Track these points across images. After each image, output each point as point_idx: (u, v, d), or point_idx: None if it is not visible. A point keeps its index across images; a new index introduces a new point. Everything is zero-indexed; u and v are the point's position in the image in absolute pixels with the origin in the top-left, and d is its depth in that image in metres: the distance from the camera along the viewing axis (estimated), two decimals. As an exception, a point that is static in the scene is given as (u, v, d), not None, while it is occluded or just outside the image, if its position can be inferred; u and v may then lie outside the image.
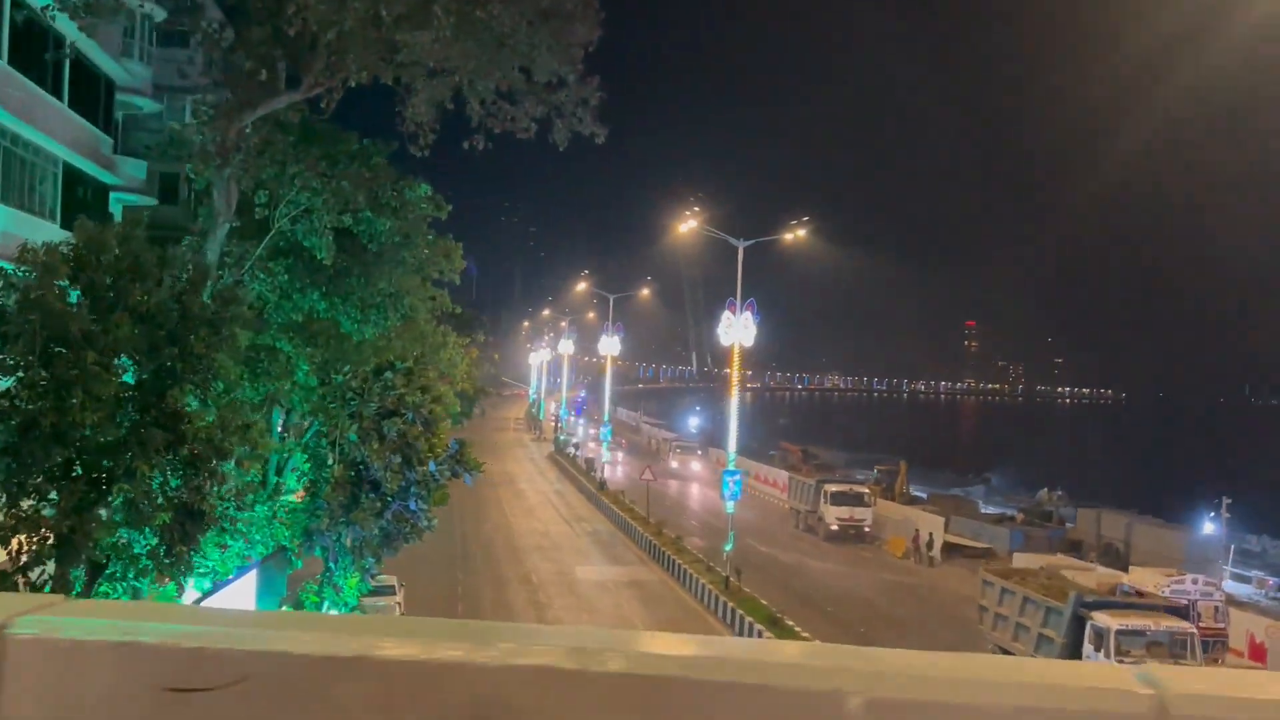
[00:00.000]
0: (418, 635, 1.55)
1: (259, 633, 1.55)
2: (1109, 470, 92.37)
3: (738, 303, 34.17)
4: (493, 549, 42.74)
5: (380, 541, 19.91)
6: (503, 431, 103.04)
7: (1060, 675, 1.48)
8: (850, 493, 48.31)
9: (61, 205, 25.85)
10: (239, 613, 1.73)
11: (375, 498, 19.56)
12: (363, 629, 1.62)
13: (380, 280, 24.39)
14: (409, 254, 24.22)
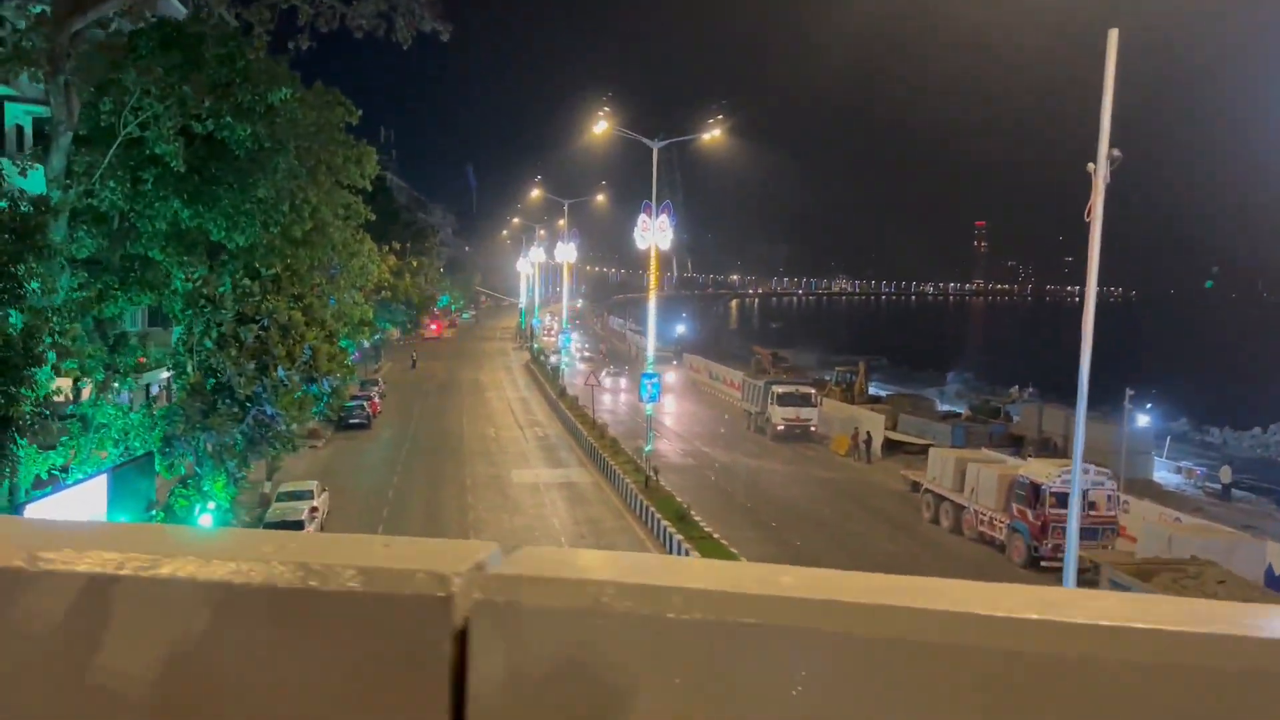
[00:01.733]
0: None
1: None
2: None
3: (653, 205, 33.87)
4: (437, 453, 43.37)
5: (243, 446, 20.22)
6: (488, 341, 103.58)
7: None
8: (796, 393, 48.60)
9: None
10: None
11: (232, 404, 19.81)
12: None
13: (258, 188, 24.25)
14: (282, 160, 23.98)
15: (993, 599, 1.07)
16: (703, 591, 1.02)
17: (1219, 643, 0.98)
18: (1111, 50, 11.95)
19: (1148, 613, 1.04)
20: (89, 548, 1.15)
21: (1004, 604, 1.05)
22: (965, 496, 31.69)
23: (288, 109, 23.80)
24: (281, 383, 20.49)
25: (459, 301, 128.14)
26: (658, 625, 1.01)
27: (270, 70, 23.02)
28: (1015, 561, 28.57)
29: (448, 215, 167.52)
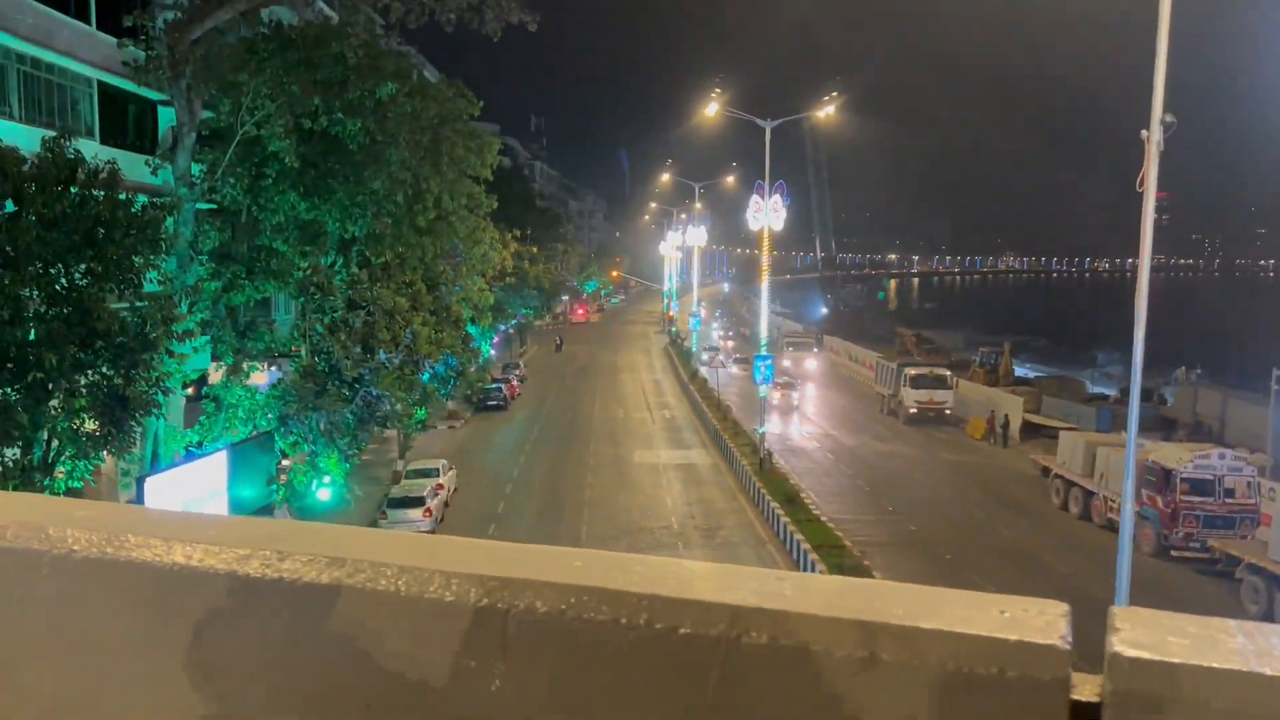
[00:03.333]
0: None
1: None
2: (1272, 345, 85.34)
3: (766, 185, 33.59)
4: (566, 434, 44.48)
5: (353, 425, 21.45)
6: (632, 325, 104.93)
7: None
8: (930, 375, 47.27)
9: (102, 122, 28.00)
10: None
11: (341, 385, 21.05)
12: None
13: (372, 180, 25.54)
14: (394, 152, 25.16)
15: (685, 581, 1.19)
16: None
17: (930, 636, 1.02)
18: (1165, 13, 11.22)
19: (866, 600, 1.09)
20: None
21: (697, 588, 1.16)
22: (1095, 482, 30.19)
23: (398, 103, 24.91)
24: (383, 365, 21.62)
25: (607, 286, 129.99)
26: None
27: (379, 66, 24.15)
28: (1144, 550, 27.01)
29: (599, 201, 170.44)
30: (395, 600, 1.17)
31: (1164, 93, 12.01)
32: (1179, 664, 0.96)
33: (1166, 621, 1.05)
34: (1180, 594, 24.80)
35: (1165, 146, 11.85)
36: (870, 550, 26.80)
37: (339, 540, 1.30)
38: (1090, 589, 21.10)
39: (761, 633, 1.09)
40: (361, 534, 1.34)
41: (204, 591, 1.24)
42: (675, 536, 29.13)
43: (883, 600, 1.13)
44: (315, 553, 1.23)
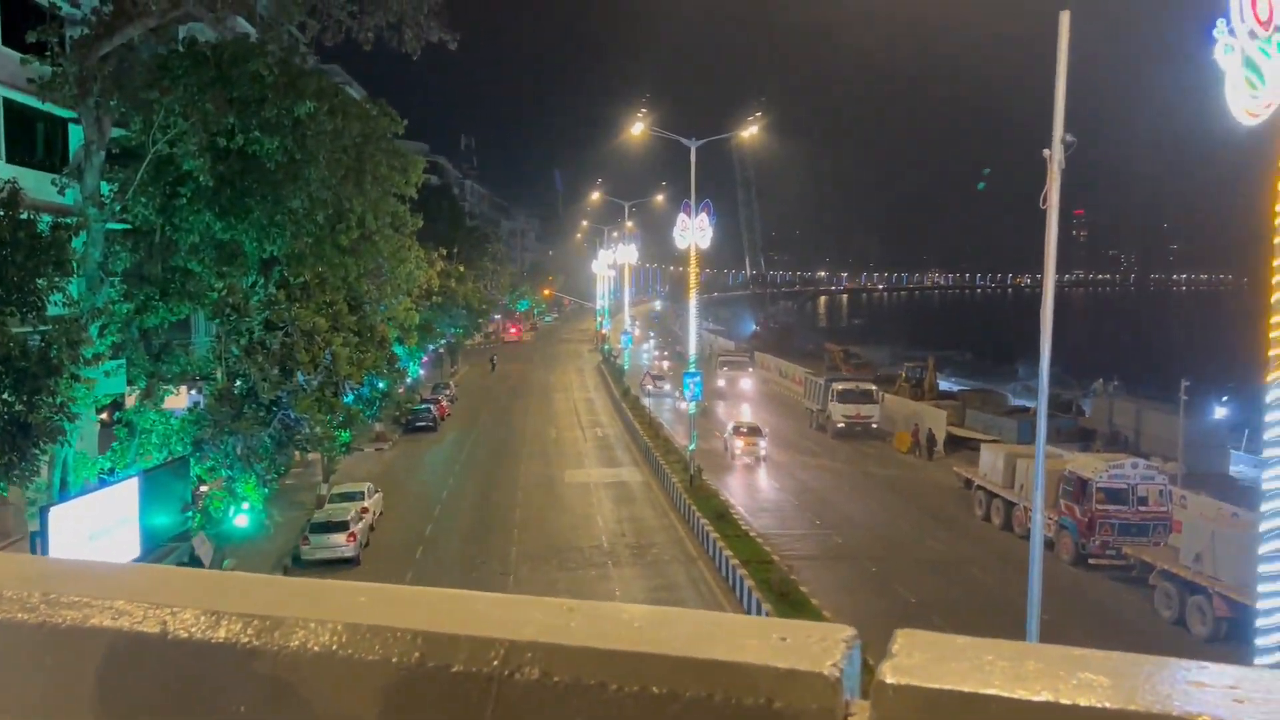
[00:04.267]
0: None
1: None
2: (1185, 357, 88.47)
3: (692, 204, 33.85)
4: (497, 455, 44.11)
5: (272, 449, 20.98)
6: (566, 344, 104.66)
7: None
8: (857, 390, 47.96)
9: (7, 140, 27.03)
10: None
11: (258, 408, 20.59)
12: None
13: (290, 199, 25.08)
14: (314, 171, 24.74)
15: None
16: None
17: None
18: (1064, 33, 11.61)
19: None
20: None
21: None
22: (1015, 493, 30.87)
23: (318, 122, 24.54)
24: (301, 388, 21.21)
25: (540, 305, 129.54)
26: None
27: (298, 85, 23.78)
28: (1064, 559, 27.71)
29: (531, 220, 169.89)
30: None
31: (1065, 114, 12.40)
32: (939, 690, 0.96)
33: (941, 645, 1.05)
34: (1097, 602, 25.44)
35: (1084, 166, 12.22)
36: (798, 564, 27.02)
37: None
38: (1012, 598, 21.47)
39: (535, 668, 1.07)
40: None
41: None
42: (606, 555, 29.04)
43: (666, 630, 1.11)
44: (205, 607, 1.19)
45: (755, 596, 23.35)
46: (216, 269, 24.39)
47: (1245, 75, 9.88)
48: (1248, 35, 9.85)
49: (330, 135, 25.96)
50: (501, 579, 26.43)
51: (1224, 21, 9.89)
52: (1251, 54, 9.83)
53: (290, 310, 21.33)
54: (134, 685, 1.20)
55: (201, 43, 23.95)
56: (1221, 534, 23.04)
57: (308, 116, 24.15)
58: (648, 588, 26.09)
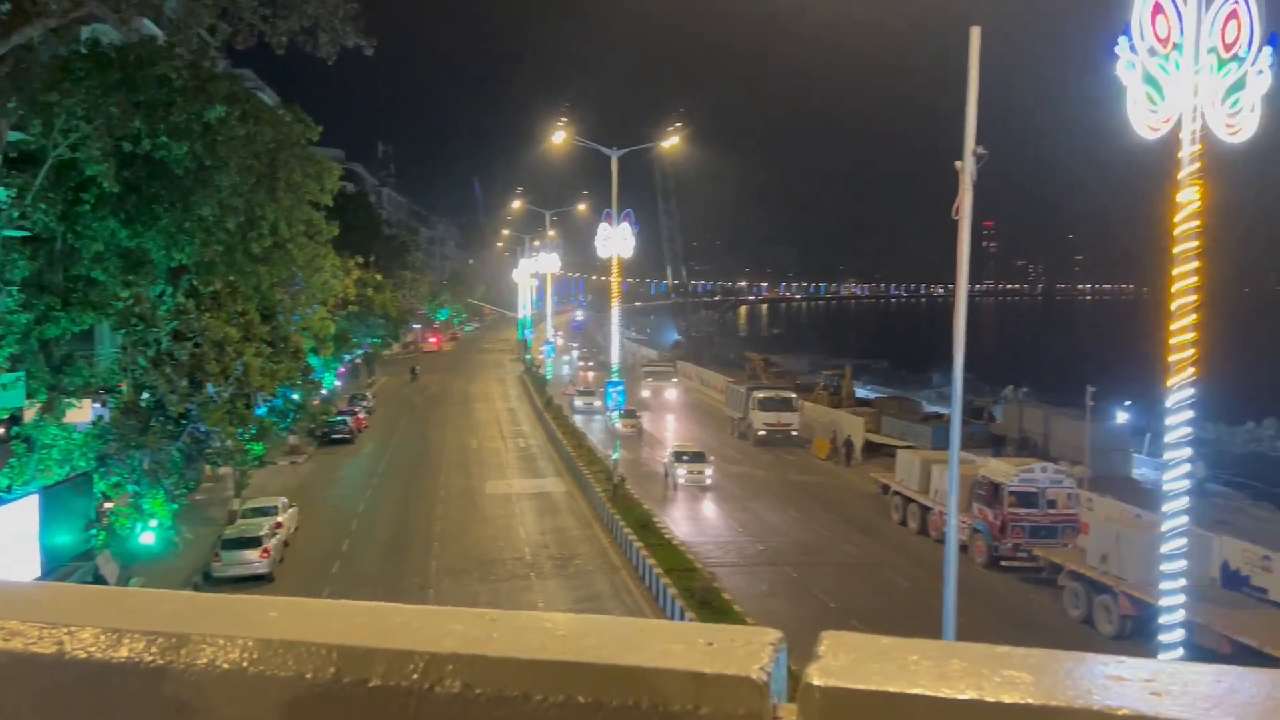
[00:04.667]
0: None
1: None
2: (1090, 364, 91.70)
3: (614, 213, 33.89)
4: (416, 467, 43.46)
5: (181, 463, 20.31)
6: (487, 353, 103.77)
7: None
8: (777, 398, 48.53)
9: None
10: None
11: (166, 421, 19.91)
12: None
13: (200, 206, 24.38)
14: (224, 178, 24.10)
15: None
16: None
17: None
18: (974, 48, 11.94)
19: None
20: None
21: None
22: (930, 498, 31.52)
23: (228, 127, 23.92)
24: (211, 400, 20.58)
25: (461, 314, 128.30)
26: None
27: (207, 89, 23.15)
28: (977, 561, 28.38)
29: (451, 228, 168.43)
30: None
31: (977, 127, 12.73)
32: (865, 691, 0.95)
33: (866, 646, 1.04)
34: (1009, 602, 26.09)
35: (994, 177, 12.55)
36: (721, 571, 27.17)
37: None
38: (929, 601, 21.89)
39: (456, 680, 1.03)
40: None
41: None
42: (528, 567, 28.80)
43: (591, 638, 1.09)
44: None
45: (678, 604, 23.39)
46: (122, 278, 23.55)
47: (1146, 91, 10.26)
48: (1148, 53, 10.23)
49: (242, 141, 25.34)
50: (421, 593, 26.00)
51: (1126, 39, 10.27)
52: (1151, 71, 10.22)
53: (200, 320, 20.69)
54: (27, 711, 1.12)
55: (106, 44, 23.17)
56: (1126, 535, 23.86)
57: (218, 121, 23.51)
58: (571, 598, 25.95)
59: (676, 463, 38.51)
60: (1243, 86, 10.07)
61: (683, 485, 37.72)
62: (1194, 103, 10.19)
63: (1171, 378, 11.17)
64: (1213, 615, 20.73)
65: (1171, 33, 10.10)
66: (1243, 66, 10.02)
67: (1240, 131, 10.22)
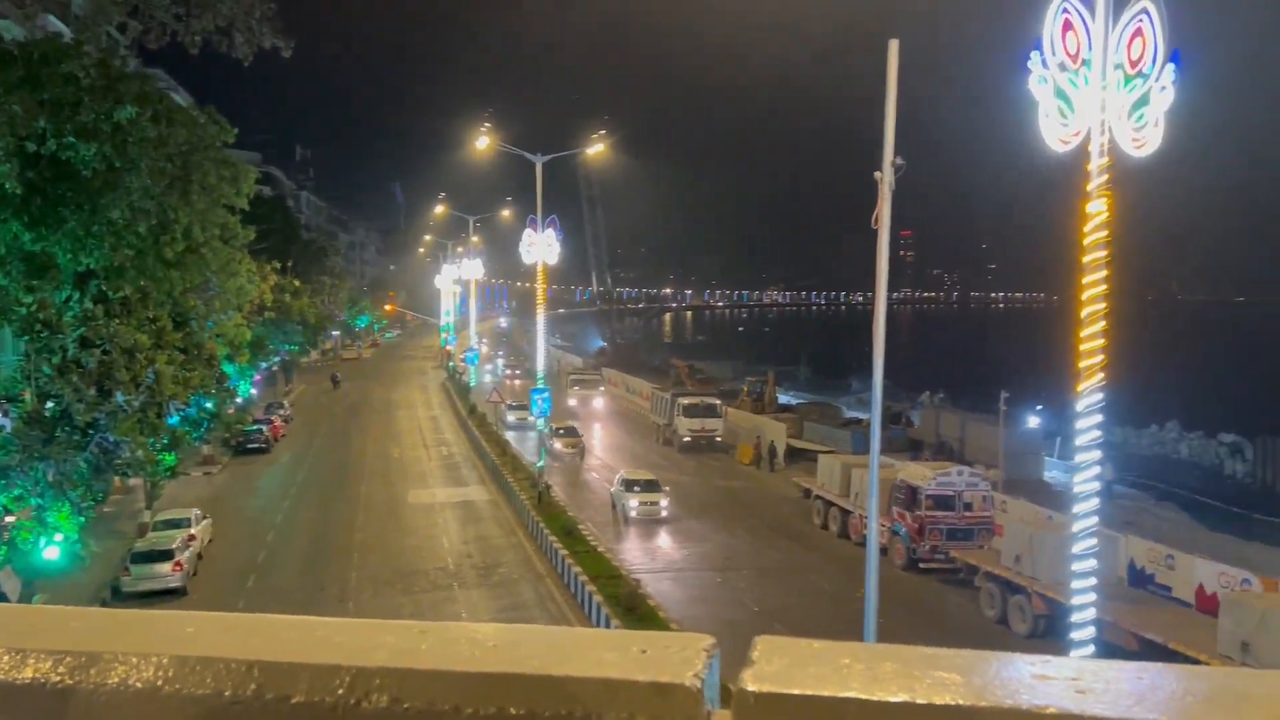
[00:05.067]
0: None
1: None
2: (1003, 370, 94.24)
3: (539, 220, 33.77)
4: (335, 476, 42.66)
5: (88, 475, 19.59)
6: (409, 360, 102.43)
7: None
8: (702, 404, 48.85)
9: None
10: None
11: (72, 431, 19.20)
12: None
13: (112, 209, 23.60)
14: (135, 180, 23.35)
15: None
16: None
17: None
18: (893, 61, 12.22)
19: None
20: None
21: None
22: (850, 501, 32.03)
23: (139, 127, 23.21)
24: (121, 409, 19.91)
25: (382, 321, 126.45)
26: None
27: (117, 88, 22.43)
28: (896, 564, 28.89)
29: (371, 233, 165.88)
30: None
31: (895, 139, 13.01)
32: (799, 695, 0.96)
33: (799, 650, 1.05)
34: (928, 604, 26.61)
35: (910, 188, 12.82)
36: (646, 577, 27.18)
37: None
38: (850, 603, 22.25)
39: (384, 694, 1.00)
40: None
41: None
42: (452, 577, 28.46)
43: (523, 649, 1.07)
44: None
45: (604, 611, 23.34)
46: (25, 282, 22.65)
47: (1057, 105, 10.60)
48: (1058, 68, 10.58)
49: (154, 143, 24.62)
50: (341, 605, 25.50)
51: (1038, 54, 10.61)
52: (1062, 85, 10.56)
53: (109, 326, 20.00)
54: None
55: (8, 41, 22.31)
56: (1038, 536, 24.54)
57: (128, 122, 22.79)
58: (495, 608, 25.72)
59: (627, 492, 34.36)
60: (1147, 102, 10.47)
61: (635, 519, 33.70)
62: (1102, 117, 10.56)
63: (1080, 383, 11.52)
64: (1120, 613, 21.43)
65: (1081, 49, 10.46)
66: (1147, 83, 10.42)
67: (1145, 145, 10.62)
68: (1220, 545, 32.13)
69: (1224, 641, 19.59)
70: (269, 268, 41.98)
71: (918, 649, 1.05)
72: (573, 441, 45.47)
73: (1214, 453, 61.09)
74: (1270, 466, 54.97)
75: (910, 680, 0.97)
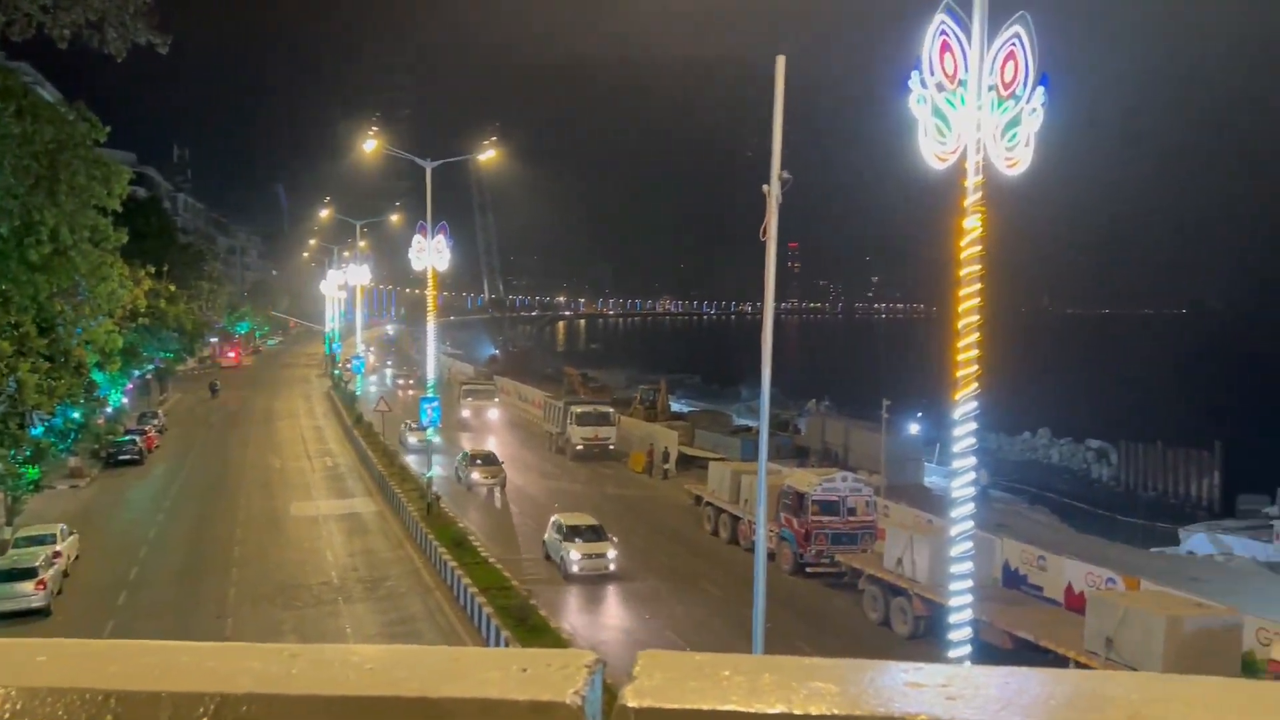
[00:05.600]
0: None
1: None
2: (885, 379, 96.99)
3: (429, 225, 33.30)
4: (213, 488, 41.11)
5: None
6: (291, 368, 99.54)
7: None
8: (594, 413, 48.85)
9: None
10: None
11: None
12: None
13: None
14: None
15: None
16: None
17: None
18: (780, 76, 12.52)
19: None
20: None
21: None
22: (740, 508, 32.49)
23: (2, 124, 22.03)
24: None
25: (263, 328, 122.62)
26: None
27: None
28: (784, 569, 29.41)
29: (253, 237, 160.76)
30: None
31: (783, 152, 13.30)
32: (680, 710, 0.96)
33: (681, 664, 1.05)
34: (814, 607, 27.18)
35: (798, 201, 13.12)
36: (538, 588, 27.02)
37: None
38: (739, 609, 22.51)
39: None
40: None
41: None
42: (336, 591, 27.73)
43: (401, 671, 1.04)
44: None
45: (494, 624, 23.06)
46: None
47: (935, 123, 11.01)
48: (936, 88, 10.99)
49: (17, 139, 23.47)
50: (218, 623, 24.58)
51: (917, 74, 11.00)
52: (940, 105, 10.97)
53: (-36, 332, 18.85)
54: None
55: None
56: (919, 539, 25.33)
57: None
58: (382, 622, 25.16)
59: (566, 541, 28.86)
60: (1019, 123, 10.96)
61: (578, 574, 28.17)
62: (977, 136, 11.01)
63: (957, 391, 11.95)
64: (995, 613, 22.29)
65: (957, 70, 10.90)
66: (1019, 104, 10.92)
67: (1017, 164, 11.11)
68: (1088, 546, 33.84)
69: (1090, 638, 20.56)
70: (143, 272, 40.25)
71: (797, 660, 1.07)
72: (491, 471, 39.80)
73: (1082, 457, 64.30)
74: (1133, 470, 58.17)
75: (788, 691, 0.99)
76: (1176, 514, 46.34)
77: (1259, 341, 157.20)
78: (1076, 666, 19.27)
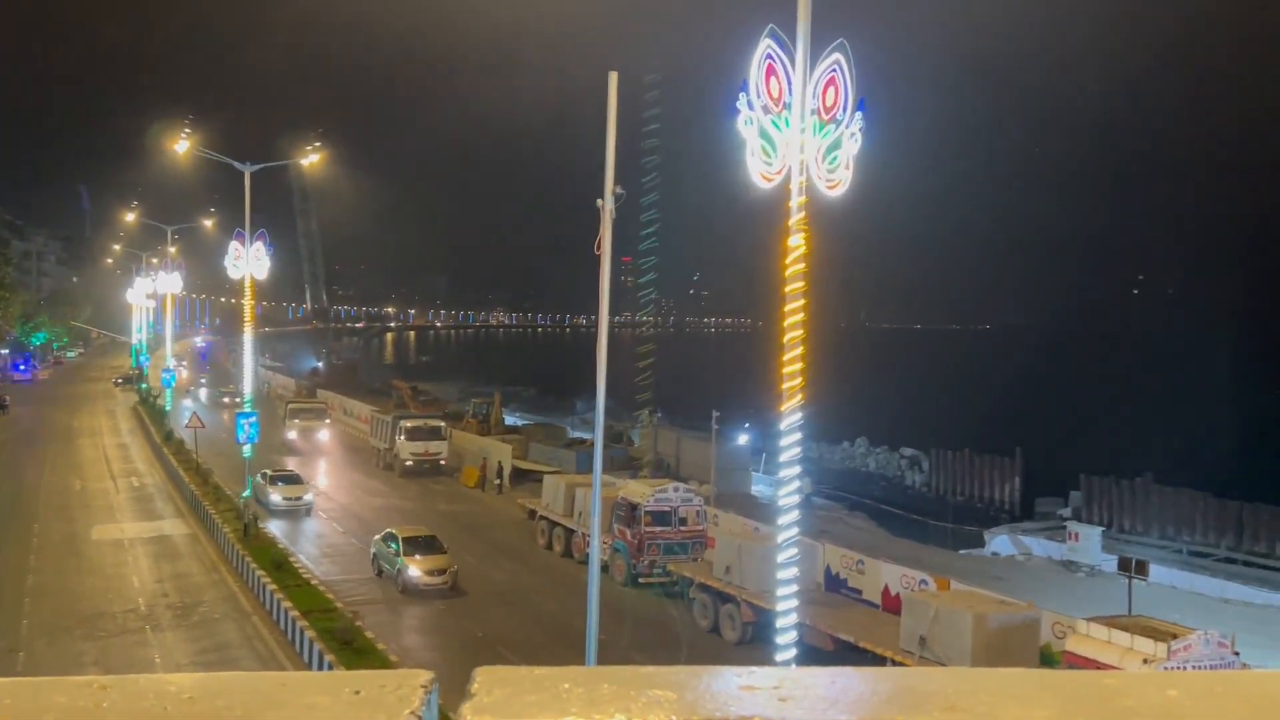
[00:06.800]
0: None
1: None
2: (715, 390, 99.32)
3: (247, 232, 31.87)
4: (7, 511, 37.80)
5: None
6: (94, 382, 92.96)
7: None
8: (425, 427, 47.88)
9: None
10: None
11: None
12: None
13: None
14: None
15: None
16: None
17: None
18: (613, 92, 12.70)
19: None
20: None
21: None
22: (574, 520, 32.52)
23: None
24: None
25: (63, 338, 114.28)
26: None
27: None
28: (618, 580, 29.61)
29: (51, 242, 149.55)
30: None
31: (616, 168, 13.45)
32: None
33: (519, 679, 1.04)
34: (647, 617, 27.44)
35: (632, 218, 13.30)
36: (363, 608, 26.23)
37: None
38: (574, 622, 22.47)
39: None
40: None
41: None
42: (143, 619, 26.03)
43: (223, 699, 0.98)
44: None
45: (317, 648, 22.17)
46: None
47: (761, 145, 11.39)
48: (762, 110, 11.38)
49: None
50: (10, 657, 22.65)
51: (745, 95, 11.36)
52: (766, 127, 11.37)
53: None
54: None
55: None
56: (746, 547, 26.02)
57: None
58: (194, 650, 23.78)
59: (400, 556, 27.90)
60: (839, 146, 11.48)
61: (417, 589, 27.51)
62: (801, 158, 11.46)
63: (782, 403, 12.36)
64: (818, 616, 23.13)
65: (782, 93, 11.32)
66: (839, 129, 11.44)
67: (838, 185, 11.63)
68: (902, 549, 35.64)
69: (905, 637, 21.63)
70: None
71: (634, 669, 1.08)
72: (294, 490, 37.50)
73: (896, 465, 67.70)
74: (943, 476, 61.67)
75: (627, 700, 1.00)
76: (982, 517, 49.39)
77: (1054, 355, 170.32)
78: (894, 665, 20.27)
